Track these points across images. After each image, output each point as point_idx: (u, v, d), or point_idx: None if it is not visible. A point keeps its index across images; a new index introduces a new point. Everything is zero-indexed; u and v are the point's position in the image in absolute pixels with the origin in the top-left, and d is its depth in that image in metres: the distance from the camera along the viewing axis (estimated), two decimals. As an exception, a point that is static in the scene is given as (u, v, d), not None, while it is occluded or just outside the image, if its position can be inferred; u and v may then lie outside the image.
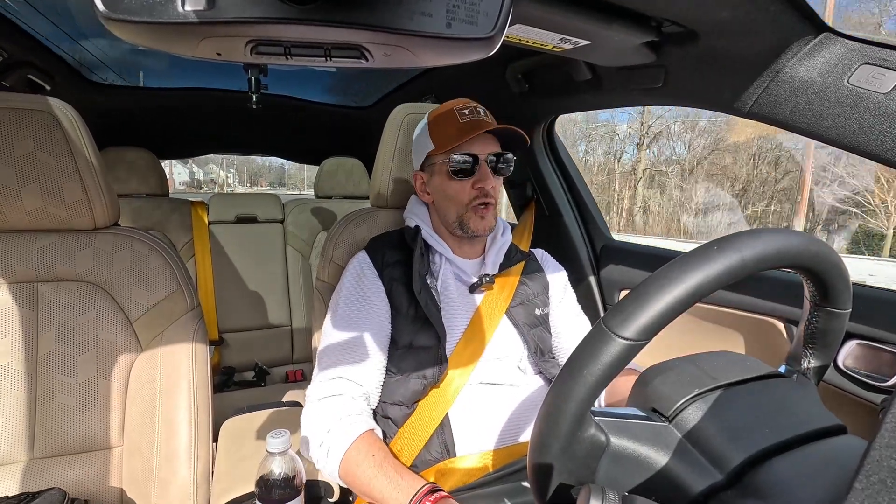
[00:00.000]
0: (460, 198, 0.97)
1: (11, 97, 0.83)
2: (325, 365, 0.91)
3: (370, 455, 0.79)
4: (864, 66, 0.75)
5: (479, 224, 0.97)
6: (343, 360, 0.90)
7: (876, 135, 0.74)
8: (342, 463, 0.81)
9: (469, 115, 0.96)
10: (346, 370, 0.89)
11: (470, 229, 0.97)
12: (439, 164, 0.98)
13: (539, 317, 1.03)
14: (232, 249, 2.12)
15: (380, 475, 0.77)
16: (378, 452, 0.80)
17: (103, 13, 0.35)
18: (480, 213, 0.96)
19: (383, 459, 0.79)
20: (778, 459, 0.44)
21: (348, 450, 0.80)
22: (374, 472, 0.78)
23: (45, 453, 0.86)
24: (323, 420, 0.84)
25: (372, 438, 0.82)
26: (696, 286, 0.41)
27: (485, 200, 0.96)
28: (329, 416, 0.84)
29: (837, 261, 0.50)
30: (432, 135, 0.99)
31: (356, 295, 0.96)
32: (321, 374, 0.91)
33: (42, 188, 0.84)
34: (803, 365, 0.58)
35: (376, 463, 0.78)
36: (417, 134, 1.04)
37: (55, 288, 0.88)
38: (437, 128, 0.98)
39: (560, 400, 0.44)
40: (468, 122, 0.94)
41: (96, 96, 2.00)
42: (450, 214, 0.99)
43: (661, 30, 0.91)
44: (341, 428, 0.82)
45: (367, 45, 0.44)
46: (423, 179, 1.04)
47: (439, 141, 0.97)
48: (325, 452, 0.82)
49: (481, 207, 0.96)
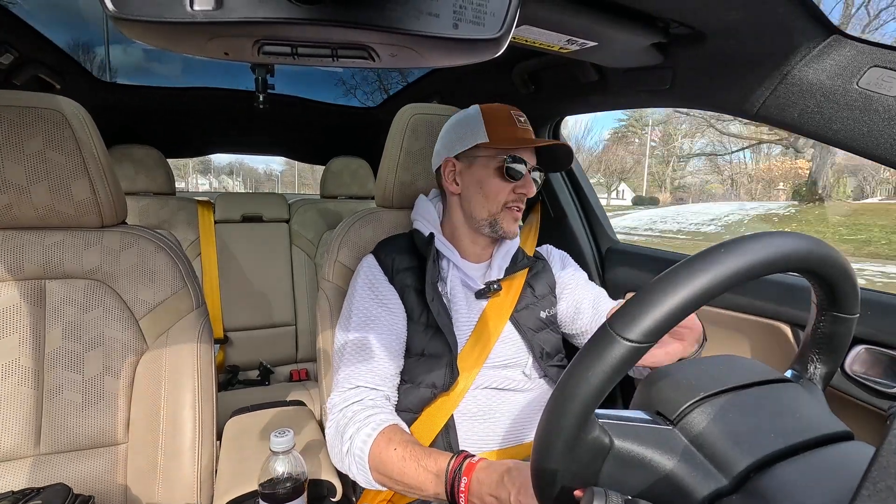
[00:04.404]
0: (500, 197, 0.96)
1: (21, 95, 0.84)
2: (343, 375, 0.91)
3: (392, 449, 0.79)
4: (873, 69, 0.74)
5: (512, 226, 0.98)
6: (360, 368, 0.90)
7: (886, 138, 0.73)
8: (371, 472, 0.80)
9: (524, 123, 0.97)
10: (364, 377, 0.89)
11: (501, 229, 0.97)
12: (487, 158, 0.96)
13: (544, 319, 1.03)
14: (237, 248, 2.13)
15: (408, 462, 0.76)
16: (399, 445, 0.79)
17: (112, 12, 0.36)
18: (515, 215, 0.97)
19: (405, 449, 0.78)
20: (784, 465, 0.43)
21: (370, 452, 0.79)
22: (401, 465, 0.77)
23: (51, 449, 0.86)
24: (344, 427, 0.84)
25: (391, 432, 0.81)
26: (703, 289, 0.41)
27: (520, 205, 0.97)
28: (348, 421, 0.84)
29: (845, 265, 0.49)
30: (488, 127, 0.95)
31: (371, 300, 0.95)
32: (340, 385, 0.90)
33: (51, 186, 0.85)
34: (810, 370, 0.57)
35: (399, 455, 0.78)
36: (462, 120, 1.00)
37: (63, 285, 0.89)
38: (494, 123, 0.96)
39: (564, 401, 0.44)
40: (525, 130, 0.96)
41: (105, 95, 2.01)
42: (481, 211, 0.97)
43: (669, 31, 0.90)
44: (360, 430, 0.82)
45: (374, 45, 0.44)
46: (455, 168, 1.00)
47: (496, 136, 0.94)
48: (352, 462, 0.82)
49: (517, 210, 0.97)
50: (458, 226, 1.01)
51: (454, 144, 0.99)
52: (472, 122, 0.97)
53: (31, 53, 1.53)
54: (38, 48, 1.56)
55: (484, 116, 0.97)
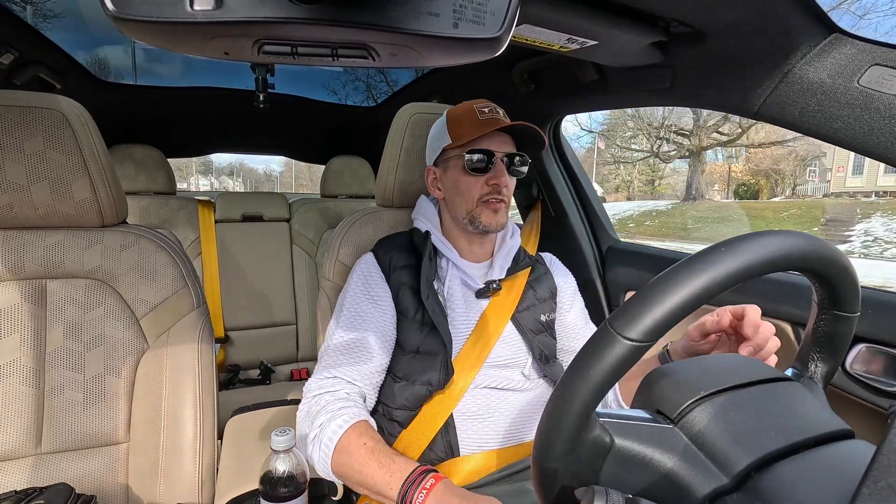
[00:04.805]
0: (472, 193, 0.96)
1: (22, 95, 0.84)
2: (325, 363, 0.92)
3: (361, 443, 0.79)
4: (874, 68, 0.74)
5: (492, 218, 0.96)
6: (342, 360, 0.91)
7: (886, 136, 0.73)
8: (334, 454, 0.80)
9: (488, 112, 0.96)
10: (343, 369, 0.90)
11: (482, 224, 0.96)
12: (454, 159, 0.98)
13: (545, 322, 1.03)
14: (238, 248, 2.13)
15: (371, 461, 0.77)
16: (370, 440, 0.79)
17: (112, 12, 0.36)
18: (493, 207, 0.96)
19: (374, 447, 0.79)
20: (784, 463, 0.43)
21: (340, 439, 0.80)
22: (366, 459, 0.77)
23: (53, 448, 0.87)
24: (316, 413, 0.85)
25: (364, 427, 0.82)
26: (703, 288, 0.41)
27: (497, 197, 0.96)
28: (321, 409, 0.85)
29: (846, 264, 0.49)
30: (450, 129, 0.98)
31: (362, 297, 0.96)
32: (319, 372, 0.91)
33: (51, 186, 0.85)
34: (811, 368, 0.57)
35: (367, 450, 0.78)
36: (434, 129, 1.04)
37: (63, 285, 0.89)
38: (455, 123, 0.98)
39: (564, 401, 0.44)
40: (487, 120, 0.94)
41: (105, 95, 2.01)
42: (460, 210, 0.98)
43: (669, 30, 0.90)
44: (333, 419, 0.82)
45: (374, 44, 0.44)
46: (435, 175, 1.03)
47: (456, 135, 0.96)
48: (318, 445, 0.82)
49: (494, 202, 0.96)
50: (451, 228, 1.03)
51: (431, 153, 1.04)
52: (440, 127, 1.02)
53: (32, 53, 1.53)
54: (38, 48, 1.56)
55: (448, 119, 1.00)
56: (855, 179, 20.28)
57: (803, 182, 22.74)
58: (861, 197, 18.00)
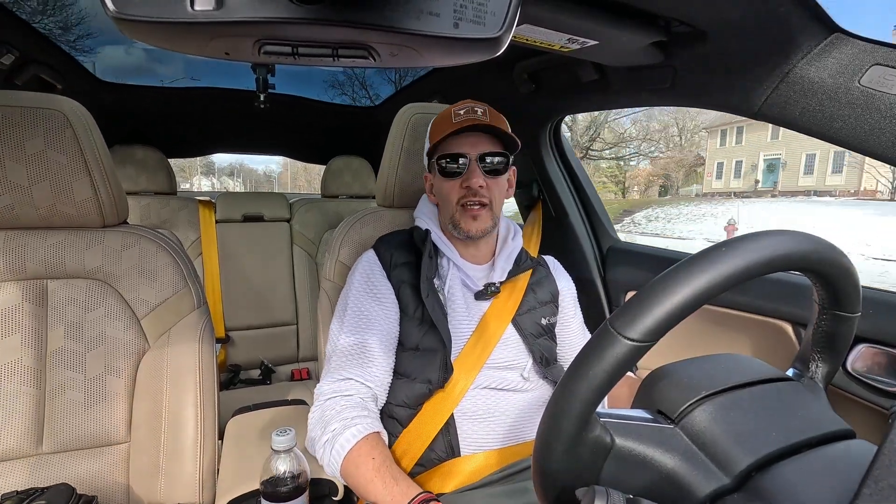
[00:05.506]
0: (451, 197, 0.96)
1: (23, 96, 0.84)
2: (335, 364, 0.91)
3: (370, 458, 0.79)
4: (875, 67, 0.74)
5: (471, 225, 0.95)
6: (352, 361, 0.90)
7: (887, 136, 0.73)
8: (344, 462, 0.81)
9: (464, 114, 0.93)
10: (356, 371, 0.89)
11: (462, 230, 0.96)
12: (434, 164, 0.98)
13: (545, 326, 1.02)
14: (239, 248, 2.13)
15: (376, 479, 0.77)
16: (378, 456, 0.80)
17: (113, 12, 0.36)
18: (472, 213, 0.94)
19: (381, 464, 0.79)
20: (785, 463, 0.43)
21: (350, 450, 0.80)
22: (372, 476, 0.78)
23: (54, 448, 0.87)
24: (329, 419, 0.84)
25: (375, 441, 0.82)
26: (704, 288, 0.41)
27: (474, 199, 0.94)
28: (335, 415, 0.84)
29: (847, 264, 0.49)
30: (430, 135, 1.00)
31: (366, 295, 0.96)
32: (330, 374, 0.91)
33: (52, 186, 0.85)
34: (811, 368, 0.57)
35: (374, 466, 0.78)
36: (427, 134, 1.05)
37: (64, 285, 0.89)
38: (434, 128, 0.99)
39: (565, 401, 0.44)
40: (460, 122, 0.93)
41: (106, 95, 2.01)
42: (445, 215, 0.99)
43: (670, 30, 0.90)
44: (346, 428, 0.82)
45: (375, 44, 0.44)
46: (430, 181, 1.04)
47: (434, 139, 0.96)
48: (329, 450, 0.82)
49: (473, 207, 0.94)
50: (448, 231, 1.03)
51: (425, 159, 1.05)
52: (427, 134, 1.03)
53: (33, 54, 1.53)
54: (39, 48, 1.56)
55: (431, 124, 1.01)
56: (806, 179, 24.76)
57: (695, 183, 30.93)
58: (718, 196, 24.65)
